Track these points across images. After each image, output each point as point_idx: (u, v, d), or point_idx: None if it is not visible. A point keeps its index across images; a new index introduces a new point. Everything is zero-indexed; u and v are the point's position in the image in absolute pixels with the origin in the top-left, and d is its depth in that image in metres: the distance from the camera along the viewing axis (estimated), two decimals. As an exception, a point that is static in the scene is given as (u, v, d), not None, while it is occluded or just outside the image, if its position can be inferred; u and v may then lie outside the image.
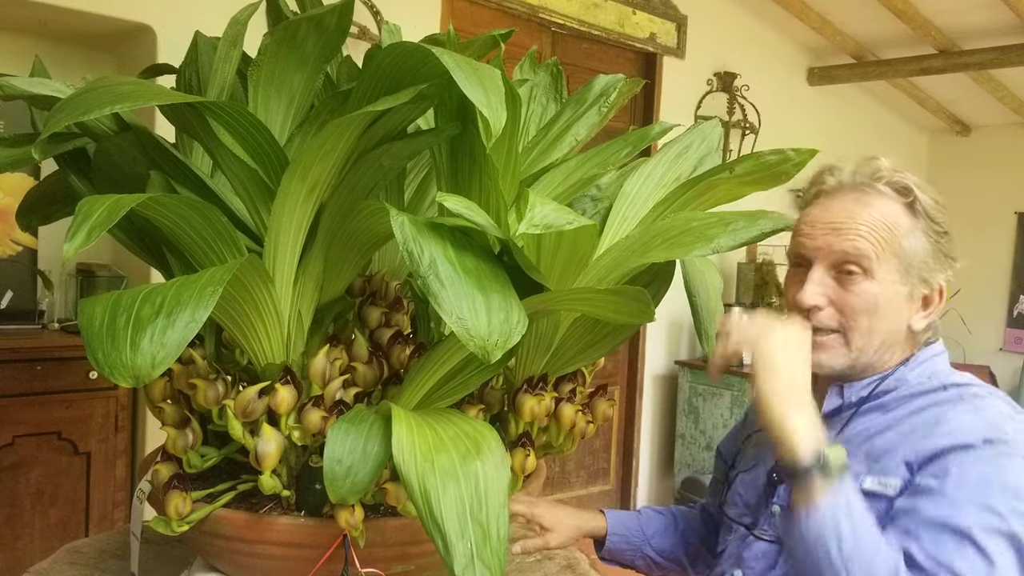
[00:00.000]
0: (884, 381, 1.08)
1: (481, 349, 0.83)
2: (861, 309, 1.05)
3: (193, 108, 0.97)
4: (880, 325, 1.06)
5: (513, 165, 1.04)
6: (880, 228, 1.05)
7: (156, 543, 1.34)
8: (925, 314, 1.09)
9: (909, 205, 1.07)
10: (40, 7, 2.34)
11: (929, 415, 1.03)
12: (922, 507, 0.96)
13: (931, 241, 1.07)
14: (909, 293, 1.07)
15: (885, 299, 1.05)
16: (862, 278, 1.04)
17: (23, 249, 2.46)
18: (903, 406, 1.06)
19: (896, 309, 1.06)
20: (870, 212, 1.05)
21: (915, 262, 1.06)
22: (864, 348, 1.07)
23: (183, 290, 0.80)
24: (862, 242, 1.04)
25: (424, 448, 0.87)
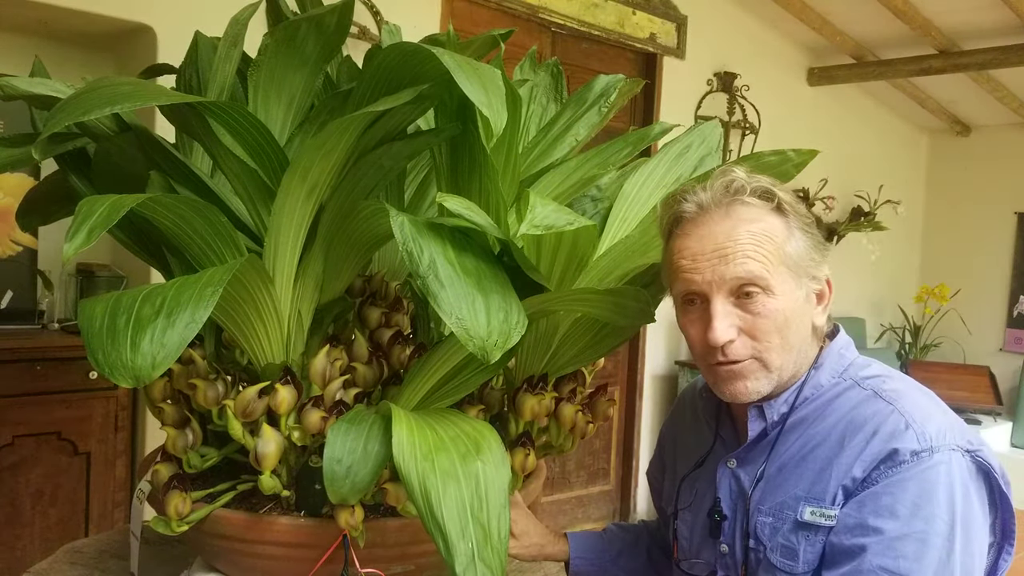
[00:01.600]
0: (801, 391, 1.05)
1: (481, 349, 0.83)
2: (772, 328, 1.00)
3: (193, 108, 0.97)
4: (792, 337, 1.02)
5: (513, 165, 1.04)
6: (763, 241, 0.99)
7: (156, 543, 1.34)
8: (822, 308, 1.06)
9: (777, 208, 1.01)
10: (40, 7, 2.34)
11: (854, 422, 1.01)
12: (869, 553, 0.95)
13: (807, 236, 1.03)
14: (805, 295, 1.03)
15: (790, 310, 1.01)
16: (763, 296, 0.99)
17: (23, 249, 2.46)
18: (825, 415, 1.04)
19: (800, 316, 1.02)
20: (748, 228, 1.00)
21: (802, 263, 1.02)
22: (783, 365, 1.03)
23: (183, 290, 0.80)
24: (752, 263, 0.98)
25: (424, 448, 0.87)
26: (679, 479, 1.21)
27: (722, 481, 1.11)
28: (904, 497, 0.95)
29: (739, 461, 1.10)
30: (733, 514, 1.09)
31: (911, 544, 0.93)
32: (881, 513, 0.95)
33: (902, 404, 1.01)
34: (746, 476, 1.09)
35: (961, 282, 5.42)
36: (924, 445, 0.96)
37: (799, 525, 1.01)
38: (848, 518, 0.98)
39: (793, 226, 1.02)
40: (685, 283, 1.03)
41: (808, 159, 1.19)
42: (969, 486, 0.97)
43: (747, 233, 1.00)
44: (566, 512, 3.99)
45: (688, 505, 1.18)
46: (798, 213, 1.03)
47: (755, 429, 1.07)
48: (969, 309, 5.39)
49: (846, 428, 1.02)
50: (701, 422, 1.20)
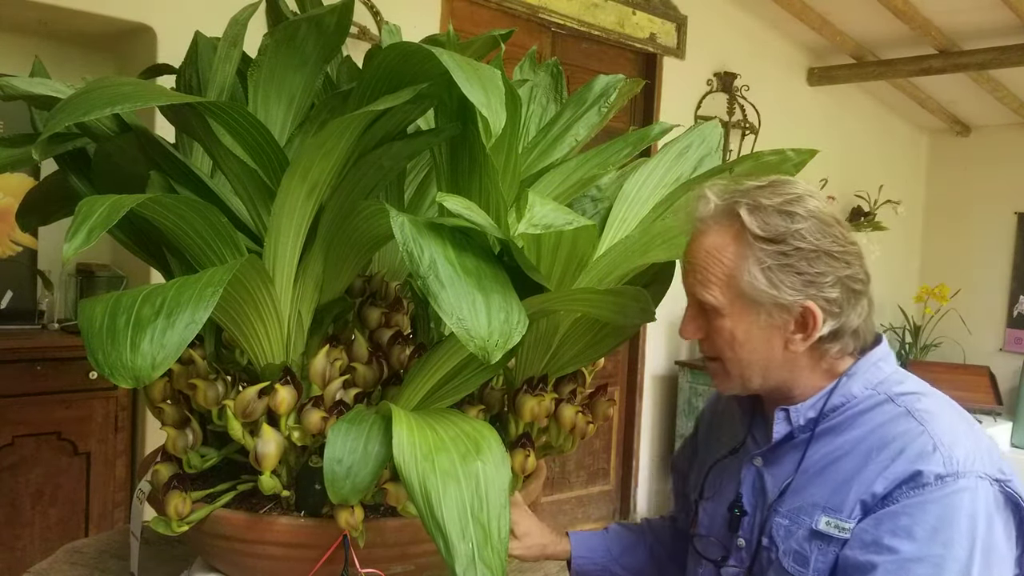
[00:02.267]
0: (830, 398, 1.05)
1: (481, 349, 0.83)
2: (722, 343, 1.05)
3: (193, 108, 0.97)
4: (747, 356, 1.04)
5: (513, 165, 1.04)
6: (715, 266, 1.02)
7: (156, 543, 1.34)
8: (804, 336, 1.03)
9: (737, 234, 1.01)
10: (40, 7, 2.34)
11: (882, 438, 1.01)
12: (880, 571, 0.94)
13: (771, 267, 1.00)
14: (767, 323, 1.02)
15: (741, 332, 1.03)
16: (716, 315, 1.04)
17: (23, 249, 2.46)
18: (854, 426, 1.04)
19: (759, 337, 1.03)
20: (704, 252, 1.04)
21: (758, 294, 1.01)
22: (745, 376, 1.06)
23: (183, 291, 0.80)
24: (703, 289, 1.03)
25: (424, 448, 0.87)
26: (707, 467, 1.22)
27: (746, 478, 1.12)
28: (924, 520, 0.94)
29: (764, 460, 1.11)
30: (753, 511, 1.10)
31: (925, 568, 0.93)
32: (898, 533, 0.95)
33: (933, 426, 1.00)
34: (770, 476, 1.09)
35: (961, 282, 5.42)
36: (950, 470, 0.96)
37: (814, 533, 1.01)
38: (864, 534, 0.97)
39: (752, 256, 1.00)
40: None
41: (807, 159, 1.19)
42: (994, 516, 0.96)
43: (704, 256, 1.04)
44: (566, 512, 3.99)
45: (712, 496, 1.19)
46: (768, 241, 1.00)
47: (780, 432, 1.08)
48: (969, 309, 5.39)
49: (873, 443, 1.01)
50: (736, 415, 1.21)
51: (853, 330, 1.05)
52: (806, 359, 1.06)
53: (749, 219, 1.00)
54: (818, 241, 1.00)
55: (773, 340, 1.04)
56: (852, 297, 1.03)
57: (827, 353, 1.06)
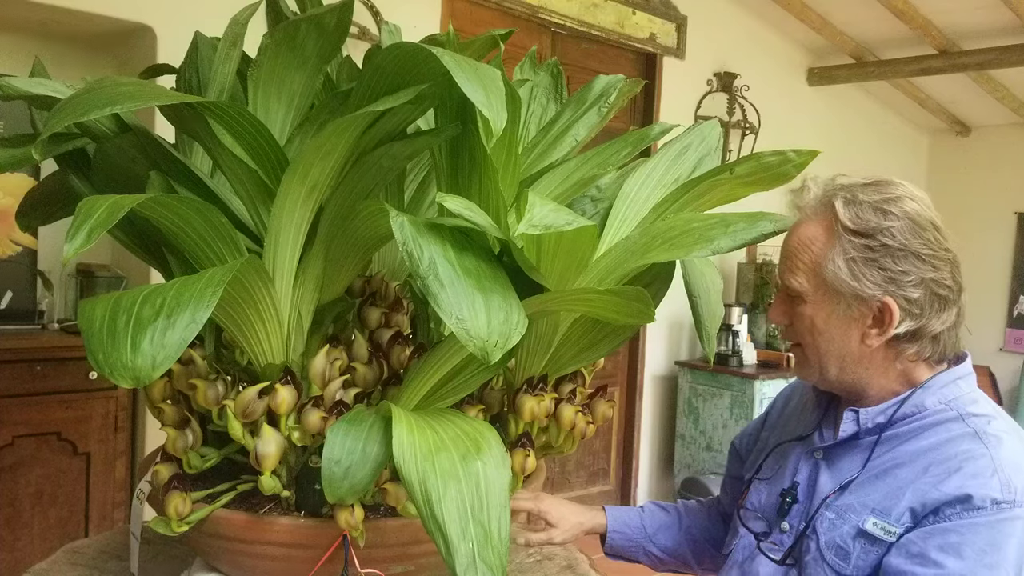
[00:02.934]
0: (902, 407, 1.07)
1: (481, 350, 0.83)
2: (802, 329, 1.10)
3: (193, 108, 0.97)
4: (824, 344, 1.09)
5: (513, 165, 1.04)
6: (804, 254, 1.08)
7: (156, 543, 1.34)
8: (879, 331, 1.06)
9: (829, 226, 1.06)
10: (40, 7, 2.34)
11: (944, 454, 1.02)
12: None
13: (855, 259, 1.04)
14: (846, 314, 1.06)
15: (821, 320, 1.08)
16: (800, 301, 1.10)
17: (23, 249, 2.46)
18: (920, 438, 1.05)
19: (837, 327, 1.07)
20: (798, 239, 1.09)
21: (840, 284, 1.05)
22: (823, 364, 1.10)
23: (183, 291, 0.80)
24: (790, 275, 1.09)
25: (424, 448, 0.87)
26: (770, 447, 1.24)
27: (804, 468, 1.14)
28: (974, 540, 0.95)
29: (825, 455, 1.13)
30: (805, 501, 1.12)
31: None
32: (946, 549, 0.96)
33: (997, 450, 1.00)
34: (827, 472, 1.11)
35: (961, 282, 5.41)
36: (1007, 497, 0.96)
37: (860, 532, 1.03)
38: (912, 545, 0.98)
39: (838, 248, 1.05)
40: None
41: (808, 160, 1.19)
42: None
43: (797, 244, 1.10)
44: (566, 512, 3.98)
45: (768, 477, 1.21)
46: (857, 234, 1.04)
47: (846, 431, 1.10)
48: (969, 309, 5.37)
49: (935, 457, 1.02)
50: (810, 407, 1.22)
51: (933, 335, 1.06)
52: (881, 357, 1.08)
53: (842, 211, 1.05)
54: (907, 241, 1.03)
55: (850, 332, 1.07)
56: (936, 302, 1.05)
57: (903, 354, 1.07)
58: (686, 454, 4.17)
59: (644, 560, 1.40)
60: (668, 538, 1.39)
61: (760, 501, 1.20)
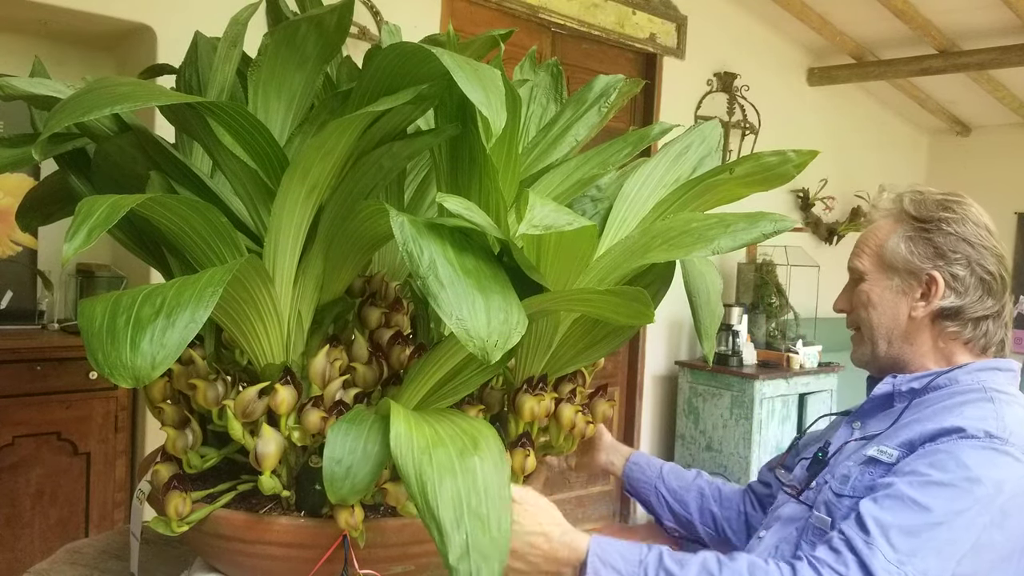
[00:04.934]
0: (938, 378, 1.16)
1: (481, 350, 0.83)
2: (860, 304, 1.25)
3: (193, 108, 0.97)
4: (878, 317, 1.23)
5: (513, 165, 1.04)
6: (871, 239, 1.25)
7: (156, 543, 1.34)
8: (925, 304, 1.19)
9: (895, 212, 1.23)
10: (40, 7, 2.34)
11: (956, 405, 1.11)
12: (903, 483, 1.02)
13: (912, 237, 1.20)
14: (899, 286, 1.21)
15: (876, 294, 1.23)
16: (860, 280, 1.25)
17: (23, 249, 2.46)
18: (943, 403, 1.13)
19: (890, 301, 1.22)
20: (869, 230, 1.26)
21: (896, 259, 1.21)
22: (875, 339, 1.23)
23: (183, 290, 0.80)
24: (855, 258, 1.27)
25: (422, 443, 0.87)
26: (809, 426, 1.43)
27: (842, 434, 1.24)
28: (960, 459, 1.02)
29: (861, 422, 1.23)
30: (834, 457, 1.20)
31: (946, 492, 1.00)
32: (934, 465, 1.03)
33: (1003, 409, 1.08)
34: (858, 433, 1.22)
35: (961, 282, 5.41)
36: (1000, 434, 1.03)
37: (865, 461, 1.11)
38: (905, 465, 1.06)
39: (899, 230, 1.21)
40: None
41: (808, 160, 1.18)
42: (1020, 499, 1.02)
43: (868, 232, 1.26)
44: (566, 512, 3.97)
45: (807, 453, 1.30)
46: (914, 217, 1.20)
47: (882, 389, 1.21)
48: (969, 309, 5.38)
49: (947, 408, 1.11)
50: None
51: (975, 319, 1.18)
52: (926, 333, 1.20)
53: (908, 202, 1.22)
54: (960, 229, 1.18)
55: (900, 306, 1.21)
56: (981, 286, 1.17)
57: (944, 331, 1.19)
58: (686, 454, 4.17)
59: (653, 501, 1.50)
60: (677, 482, 1.50)
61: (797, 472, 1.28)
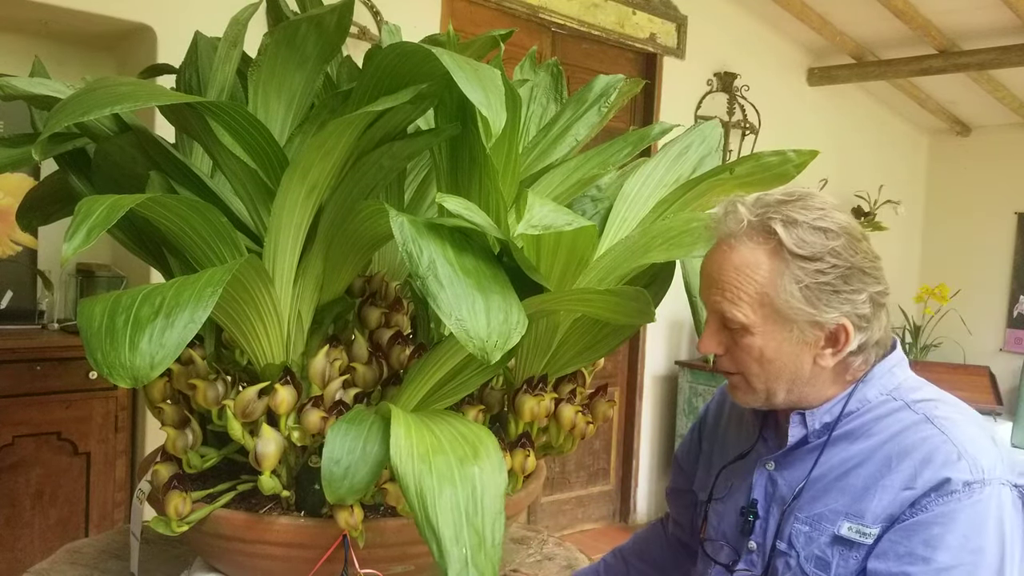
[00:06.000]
0: (847, 404, 1.06)
1: (481, 350, 0.83)
2: (749, 360, 1.04)
3: (193, 108, 0.97)
4: (776, 371, 1.04)
5: (513, 165, 1.04)
6: (746, 283, 1.01)
7: (156, 543, 1.34)
8: (833, 351, 1.03)
9: (774, 251, 1.00)
10: (40, 7, 2.34)
11: (902, 444, 1.01)
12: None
13: (808, 284, 0.99)
14: (799, 338, 1.02)
15: (771, 349, 1.03)
16: (744, 332, 1.03)
17: (23, 249, 2.46)
18: (872, 433, 1.04)
19: (788, 355, 1.03)
20: (733, 272, 1.02)
21: (791, 310, 1.00)
22: (771, 390, 1.06)
23: (183, 290, 0.80)
24: (732, 306, 1.02)
25: (422, 450, 0.87)
26: (716, 469, 1.21)
27: (758, 482, 1.12)
28: (955, 528, 0.95)
29: (777, 464, 1.11)
30: (766, 515, 1.10)
31: (959, 575, 0.94)
32: (931, 543, 0.96)
33: (955, 433, 1.01)
34: (783, 481, 1.09)
35: (961, 282, 5.42)
36: (977, 477, 0.97)
37: (836, 539, 1.02)
38: (897, 546, 0.98)
39: (788, 273, 1.00)
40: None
41: (808, 160, 1.19)
42: (1016, 521, 0.98)
43: (734, 273, 1.02)
44: (566, 512, 3.99)
45: (722, 497, 1.19)
46: (805, 259, 0.99)
47: (795, 435, 1.08)
48: (969, 309, 5.38)
49: (893, 450, 1.02)
50: (747, 418, 1.20)
51: (876, 341, 1.06)
52: (831, 373, 1.06)
53: (786, 236, 0.99)
54: (852, 258, 1.01)
55: (802, 356, 1.04)
56: (878, 310, 1.04)
57: (851, 366, 1.06)
58: (686, 454, 4.16)
59: None
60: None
61: (720, 524, 1.17)
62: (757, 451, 1.15)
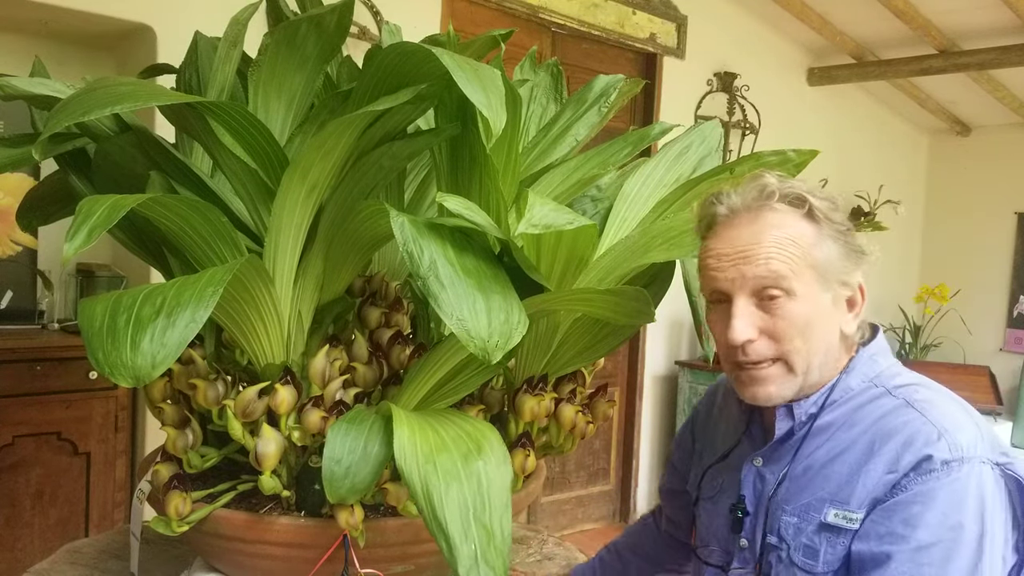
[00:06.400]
0: (831, 394, 1.06)
1: (481, 350, 0.83)
2: (794, 331, 1.01)
3: (193, 108, 0.97)
4: (816, 342, 1.02)
5: (513, 165, 1.04)
6: (787, 245, 1.00)
7: (156, 543, 1.34)
8: (853, 315, 1.06)
9: (808, 214, 1.02)
10: (40, 7, 2.34)
11: (883, 429, 1.02)
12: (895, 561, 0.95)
13: (839, 242, 1.03)
14: (832, 300, 1.03)
15: (814, 314, 1.01)
16: (785, 299, 1.00)
17: (23, 249, 2.46)
18: (854, 422, 1.05)
19: (826, 320, 1.03)
20: (773, 232, 1.01)
21: (830, 268, 1.02)
22: (808, 369, 1.04)
23: (183, 290, 0.80)
24: (774, 263, 1.00)
25: (426, 449, 0.87)
26: (705, 467, 1.21)
27: (747, 478, 1.12)
28: (934, 506, 0.96)
29: (765, 459, 1.11)
30: (755, 511, 1.10)
31: (938, 553, 0.94)
32: (910, 522, 0.96)
33: (934, 414, 1.01)
34: (771, 475, 1.09)
35: (961, 282, 5.42)
36: (955, 455, 0.97)
37: (823, 526, 1.02)
38: (878, 526, 0.98)
39: (824, 233, 1.02)
40: (710, 280, 1.05)
41: (808, 159, 1.19)
42: (996, 499, 0.98)
43: (772, 237, 1.01)
44: (566, 512, 3.99)
45: (711, 496, 1.18)
46: (831, 220, 1.03)
47: (782, 428, 1.07)
48: (969, 309, 5.39)
49: (876, 435, 1.02)
50: (733, 415, 1.20)
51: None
52: (844, 344, 1.07)
53: (815, 201, 1.02)
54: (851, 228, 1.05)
55: (834, 322, 1.04)
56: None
57: (849, 340, 1.08)
58: (686, 454, 4.16)
59: None
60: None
61: (711, 524, 1.17)
62: (742, 447, 1.15)
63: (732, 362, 1.05)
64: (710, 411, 1.30)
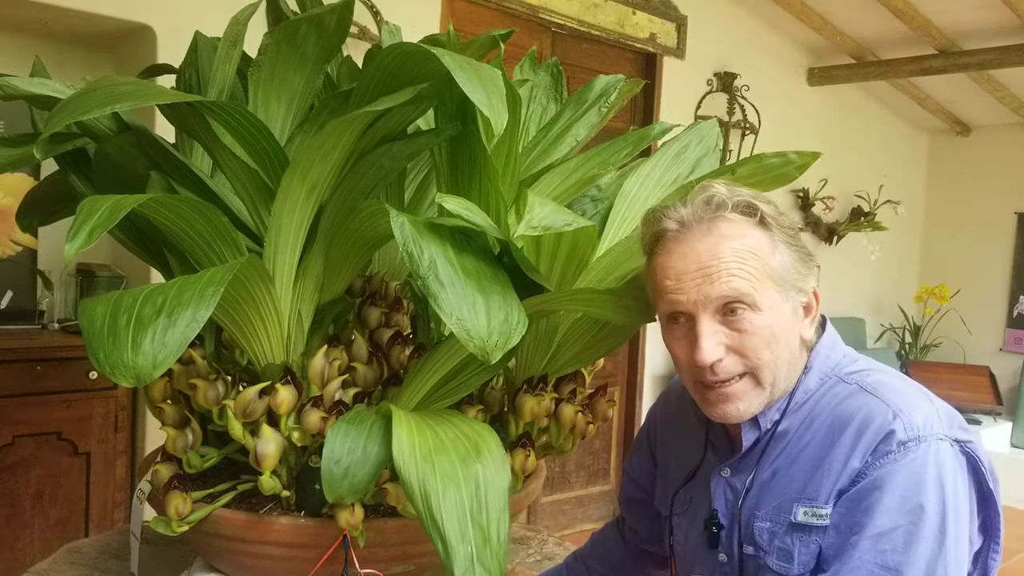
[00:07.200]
0: (792, 397, 1.05)
1: (481, 350, 0.83)
2: (761, 345, 0.99)
3: (193, 108, 0.97)
4: (781, 352, 1.01)
5: (513, 166, 1.04)
6: (747, 257, 0.98)
7: (156, 543, 1.34)
8: (810, 320, 1.05)
9: (760, 222, 1.00)
10: (40, 7, 2.34)
11: (839, 417, 1.01)
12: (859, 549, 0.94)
13: (792, 248, 1.01)
14: (792, 309, 1.02)
15: (778, 325, 1.00)
16: (750, 313, 0.98)
17: (23, 249, 2.46)
18: (814, 416, 1.04)
19: (788, 329, 1.01)
20: (730, 243, 0.98)
21: (787, 276, 1.00)
22: (775, 380, 1.02)
23: (184, 290, 0.81)
24: (736, 280, 0.97)
25: (424, 450, 0.87)
26: (673, 489, 1.19)
27: (717, 491, 1.10)
28: (893, 489, 0.94)
29: (733, 470, 1.09)
30: (730, 523, 1.08)
31: (899, 537, 0.93)
32: (871, 508, 0.95)
33: (886, 395, 1.00)
34: (740, 483, 1.07)
35: (961, 282, 5.42)
36: (911, 435, 0.96)
37: (793, 526, 1.01)
38: (844, 518, 0.97)
39: (777, 240, 1.01)
40: (670, 304, 1.02)
41: (810, 161, 1.19)
42: (958, 477, 0.97)
43: (731, 250, 0.98)
44: (566, 512, 3.99)
45: (683, 511, 1.17)
46: (782, 226, 1.02)
47: (750, 439, 1.06)
48: (969, 309, 5.39)
49: (833, 424, 1.01)
50: (690, 426, 1.18)
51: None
52: (800, 354, 1.06)
53: (766, 208, 1.01)
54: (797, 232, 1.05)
55: (795, 329, 1.03)
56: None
57: (808, 345, 1.07)
58: (686, 454, 4.16)
59: None
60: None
61: (687, 541, 1.15)
62: (708, 461, 1.13)
63: (697, 381, 1.03)
64: (667, 423, 1.27)
